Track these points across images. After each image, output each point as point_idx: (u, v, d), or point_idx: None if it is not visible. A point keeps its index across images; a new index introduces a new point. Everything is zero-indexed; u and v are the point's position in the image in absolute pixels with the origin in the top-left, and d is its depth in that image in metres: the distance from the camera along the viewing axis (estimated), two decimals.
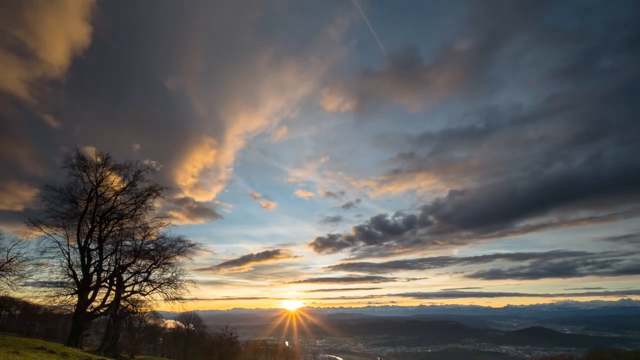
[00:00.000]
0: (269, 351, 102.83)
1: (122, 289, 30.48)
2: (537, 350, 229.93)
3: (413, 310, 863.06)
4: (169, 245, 32.74)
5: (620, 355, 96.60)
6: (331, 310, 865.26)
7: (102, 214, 29.67)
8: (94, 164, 28.40)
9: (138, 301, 31.95)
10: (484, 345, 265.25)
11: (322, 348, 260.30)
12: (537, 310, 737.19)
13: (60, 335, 63.72)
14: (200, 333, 66.10)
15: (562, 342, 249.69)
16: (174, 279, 32.49)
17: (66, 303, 28.31)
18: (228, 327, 57.99)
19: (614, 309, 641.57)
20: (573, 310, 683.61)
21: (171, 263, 32.90)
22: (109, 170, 29.13)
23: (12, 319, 66.15)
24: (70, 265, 28.28)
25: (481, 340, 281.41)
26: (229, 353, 51.54)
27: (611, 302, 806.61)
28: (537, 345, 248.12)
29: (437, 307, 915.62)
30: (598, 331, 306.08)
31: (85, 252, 28.50)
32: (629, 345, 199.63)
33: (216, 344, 54.43)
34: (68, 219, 28.66)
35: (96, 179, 28.65)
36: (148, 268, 32.21)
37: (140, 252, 31.74)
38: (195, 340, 61.27)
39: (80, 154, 28.00)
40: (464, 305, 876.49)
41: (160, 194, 31.69)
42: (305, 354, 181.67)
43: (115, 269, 30.54)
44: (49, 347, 18.92)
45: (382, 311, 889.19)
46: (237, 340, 64.33)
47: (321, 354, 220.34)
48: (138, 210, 31.10)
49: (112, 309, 28.79)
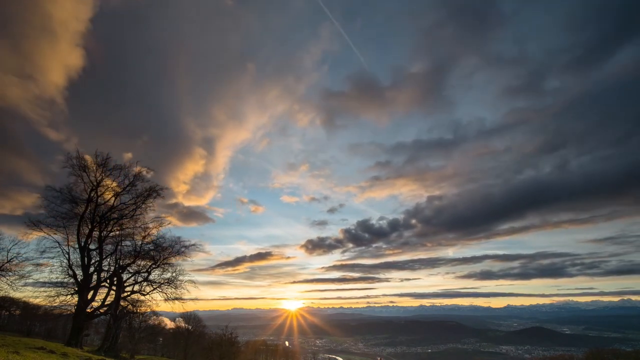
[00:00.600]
0: (269, 351, 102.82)
1: (122, 289, 30.46)
2: (537, 350, 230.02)
3: (413, 310, 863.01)
4: (168, 246, 32.78)
5: (620, 355, 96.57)
6: (331, 310, 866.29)
7: (102, 214, 29.64)
8: (94, 164, 28.41)
9: (138, 301, 31.92)
10: (484, 345, 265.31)
11: (322, 348, 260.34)
12: (537, 310, 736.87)
13: (60, 335, 63.68)
14: (200, 333, 66.06)
15: (562, 342, 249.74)
16: (174, 279, 32.50)
17: (66, 303, 28.27)
18: (228, 327, 58.03)
19: (614, 309, 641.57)
20: (573, 310, 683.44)
21: (171, 263, 32.94)
22: (109, 171, 29.13)
23: (12, 319, 66.13)
24: (70, 265, 28.25)
25: (481, 340, 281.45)
26: (229, 353, 51.57)
27: (611, 302, 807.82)
28: (537, 345, 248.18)
29: (437, 307, 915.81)
30: (598, 331, 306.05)
31: (85, 252, 28.47)
32: (629, 345, 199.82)
33: (216, 344, 54.43)
34: (68, 219, 28.61)
35: (96, 179, 28.62)
36: (148, 268, 32.20)
37: (140, 252, 31.73)
38: (195, 340, 61.26)
39: (80, 154, 27.96)
40: (464, 305, 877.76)
41: (160, 194, 31.67)
42: (305, 354, 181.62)
43: (115, 269, 30.52)
44: (49, 347, 18.93)
45: (382, 311, 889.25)
46: (237, 340, 64.29)
47: (321, 354, 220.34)
48: (138, 211, 31.06)
49: (112, 309, 28.78)
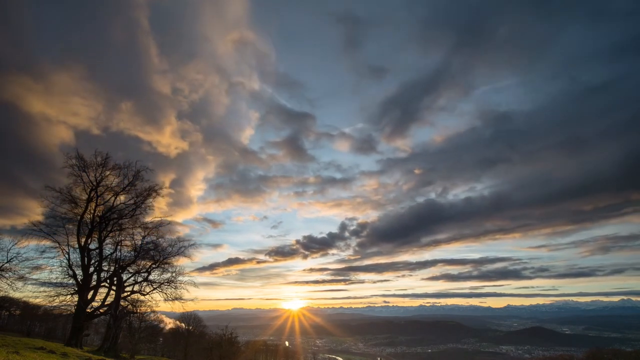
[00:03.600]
0: (269, 351, 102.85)
1: (122, 289, 30.44)
2: (537, 350, 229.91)
3: (413, 310, 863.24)
4: (168, 245, 32.85)
5: (620, 355, 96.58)
6: (331, 310, 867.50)
7: (102, 214, 29.63)
8: (94, 164, 28.36)
9: (138, 301, 31.93)
10: (484, 345, 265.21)
11: (322, 348, 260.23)
12: (537, 310, 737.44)
13: (60, 335, 63.78)
14: (200, 333, 65.99)
15: (562, 342, 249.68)
16: (174, 279, 32.52)
17: (66, 303, 28.27)
18: (228, 327, 58.05)
19: (614, 309, 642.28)
20: (573, 310, 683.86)
21: (171, 263, 32.95)
22: (109, 170, 29.12)
23: (12, 319, 66.25)
24: (70, 265, 28.23)
25: (481, 340, 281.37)
26: (229, 353, 51.60)
27: (611, 302, 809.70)
28: (537, 345, 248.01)
29: (437, 307, 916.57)
30: (598, 331, 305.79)
31: (85, 252, 28.44)
32: (629, 345, 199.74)
33: (216, 344, 54.45)
34: (68, 219, 28.63)
35: (96, 179, 28.60)
36: (148, 268, 32.20)
37: (140, 252, 31.75)
38: (195, 340, 61.22)
39: (79, 154, 27.96)
40: (464, 305, 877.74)
41: (160, 194, 31.76)
42: (306, 354, 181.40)
43: (115, 269, 30.50)
44: (49, 347, 18.92)
45: (382, 311, 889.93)
46: (237, 340, 64.38)
47: (321, 354, 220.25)
48: (138, 210, 31.10)
49: (112, 309, 28.74)
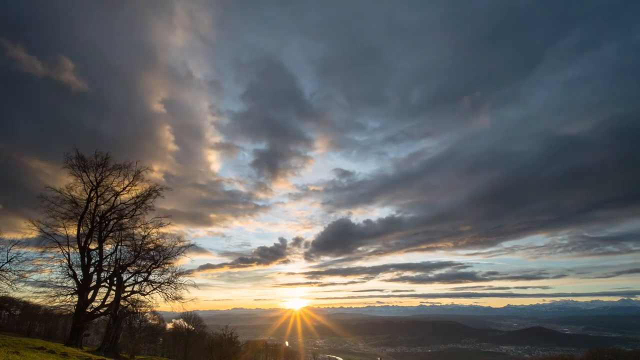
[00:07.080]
0: (269, 351, 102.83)
1: (122, 289, 30.43)
2: (537, 350, 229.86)
3: (413, 310, 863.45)
4: (168, 245, 32.81)
5: (620, 355, 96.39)
6: (331, 310, 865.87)
7: (102, 214, 29.64)
8: (94, 164, 28.37)
9: (138, 301, 31.90)
10: (484, 345, 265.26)
11: (322, 348, 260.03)
12: (537, 310, 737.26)
13: (60, 335, 63.74)
14: (200, 333, 66.06)
15: (562, 342, 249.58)
16: (174, 279, 32.51)
17: (66, 303, 28.27)
18: (228, 327, 57.91)
19: (614, 309, 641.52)
20: (573, 310, 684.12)
21: (171, 263, 32.94)
22: (109, 170, 29.12)
23: (12, 319, 66.16)
24: (70, 265, 28.25)
25: (481, 340, 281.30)
26: (229, 353, 51.46)
27: (611, 302, 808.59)
28: (537, 345, 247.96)
29: (437, 307, 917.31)
30: (598, 331, 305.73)
31: (85, 252, 28.44)
32: (629, 345, 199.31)
33: (216, 344, 54.29)
34: (68, 219, 28.63)
35: (96, 179, 28.63)
36: (148, 268, 32.18)
37: (140, 252, 31.72)
38: (195, 340, 61.24)
39: (80, 154, 27.96)
40: (464, 305, 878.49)
41: (160, 194, 31.72)
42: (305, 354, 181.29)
43: (115, 269, 30.50)
44: (49, 347, 18.92)
45: (382, 311, 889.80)
46: (237, 340, 64.22)
47: (321, 354, 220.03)
48: (138, 210, 31.10)
49: (112, 309, 28.74)
